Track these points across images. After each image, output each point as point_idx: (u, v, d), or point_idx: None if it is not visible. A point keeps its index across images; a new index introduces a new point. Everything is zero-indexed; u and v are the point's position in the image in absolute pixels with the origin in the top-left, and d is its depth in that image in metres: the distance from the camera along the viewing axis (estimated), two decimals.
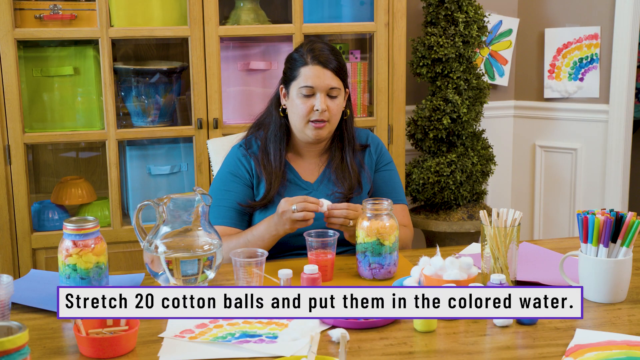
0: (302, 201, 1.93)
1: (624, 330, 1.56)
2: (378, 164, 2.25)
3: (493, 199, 3.75)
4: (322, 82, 2.09)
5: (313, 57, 2.10)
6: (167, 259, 1.76)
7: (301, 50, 2.14)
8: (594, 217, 1.70)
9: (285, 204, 1.94)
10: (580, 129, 3.58)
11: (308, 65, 2.09)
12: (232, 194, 2.14)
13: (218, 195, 2.14)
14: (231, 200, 2.14)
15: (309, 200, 1.93)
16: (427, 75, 3.27)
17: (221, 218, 2.11)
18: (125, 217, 3.07)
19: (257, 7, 3.09)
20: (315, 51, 2.11)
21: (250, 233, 2.04)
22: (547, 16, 3.57)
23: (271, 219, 2.00)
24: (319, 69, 2.09)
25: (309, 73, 2.09)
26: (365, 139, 2.27)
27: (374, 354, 1.46)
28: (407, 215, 2.25)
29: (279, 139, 2.17)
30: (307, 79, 2.09)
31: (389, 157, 2.29)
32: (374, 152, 2.26)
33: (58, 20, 2.88)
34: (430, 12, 3.25)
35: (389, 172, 2.26)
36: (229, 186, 2.16)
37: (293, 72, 2.12)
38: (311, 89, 2.09)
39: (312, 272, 1.73)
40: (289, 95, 2.15)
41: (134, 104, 3.06)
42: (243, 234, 2.06)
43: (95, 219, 1.71)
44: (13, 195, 2.89)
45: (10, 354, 1.14)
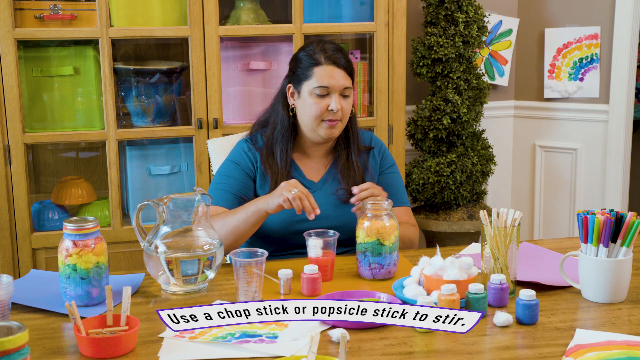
0: (306, 194, 1.92)
1: (624, 330, 1.56)
2: (382, 167, 2.26)
3: (493, 199, 3.75)
4: (337, 82, 2.09)
5: (327, 57, 2.10)
6: (167, 259, 1.76)
7: (311, 50, 2.13)
8: (594, 217, 1.70)
9: (288, 185, 1.93)
10: (580, 129, 3.58)
11: (322, 65, 2.09)
12: (232, 180, 2.14)
13: (218, 180, 2.15)
14: (230, 184, 2.13)
15: (309, 198, 1.92)
16: (427, 75, 3.27)
17: (216, 199, 2.10)
18: (125, 217, 3.07)
19: (257, 7, 3.09)
20: (327, 51, 2.11)
21: (240, 208, 2.03)
22: (547, 16, 3.57)
23: (266, 195, 1.99)
24: (333, 68, 2.09)
25: (323, 73, 2.09)
26: (369, 141, 2.27)
27: (374, 354, 1.46)
28: (411, 215, 2.26)
29: (286, 139, 2.17)
30: (322, 79, 2.09)
31: (391, 159, 2.29)
32: (378, 154, 2.26)
33: (58, 20, 2.88)
34: (430, 12, 3.25)
35: (392, 174, 2.27)
36: (231, 173, 2.16)
37: (305, 72, 2.12)
38: (326, 89, 2.09)
39: (312, 272, 1.73)
40: (299, 95, 2.14)
41: (134, 104, 3.06)
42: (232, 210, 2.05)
43: (95, 219, 1.71)
44: (13, 195, 2.89)
45: (10, 354, 1.14)
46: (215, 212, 2.06)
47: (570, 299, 1.74)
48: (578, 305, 1.70)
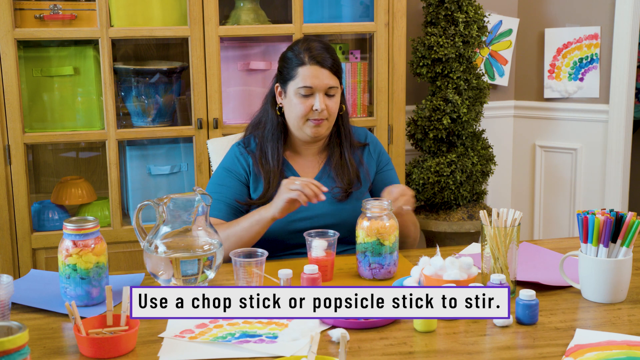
0: (307, 182, 1.91)
1: (624, 330, 1.56)
2: (379, 165, 2.26)
3: (493, 199, 3.75)
4: (320, 82, 2.09)
5: (311, 57, 2.09)
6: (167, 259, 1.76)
7: (297, 49, 2.13)
8: (594, 217, 1.70)
9: (287, 183, 1.92)
10: (580, 129, 3.58)
11: (306, 65, 2.09)
12: (225, 189, 2.14)
13: (212, 189, 2.16)
14: (223, 194, 2.14)
15: (311, 186, 1.90)
16: (427, 75, 3.27)
17: (210, 209, 2.09)
18: (125, 217, 3.07)
19: (257, 7, 3.09)
20: (312, 50, 2.10)
21: (243, 218, 2.03)
22: (547, 16, 3.57)
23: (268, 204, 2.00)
24: (317, 68, 2.09)
25: (307, 73, 2.08)
26: (364, 137, 2.27)
27: (374, 354, 1.46)
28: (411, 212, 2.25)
29: (276, 137, 2.17)
30: (306, 79, 2.08)
31: (387, 156, 2.29)
32: (374, 152, 2.26)
33: (58, 20, 2.88)
34: (430, 12, 3.25)
35: (389, 171, 2.27)
36: (224, 181, 2.16)
37: (290, 72, 2.12)
38: (310, 89, 2.09)
39: (312, 272, 1.73)
40: (285, 94, 2.14)
41: (134, 104, 3.06)
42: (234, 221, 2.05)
43: (95, 219, 1.71)
44: (13, 195, 2.89)
45: (10, 354, 1.14)
46: (212, 224, 2.06)
47: (570, 299, 1.74)
48: (578, 305, 1.70)
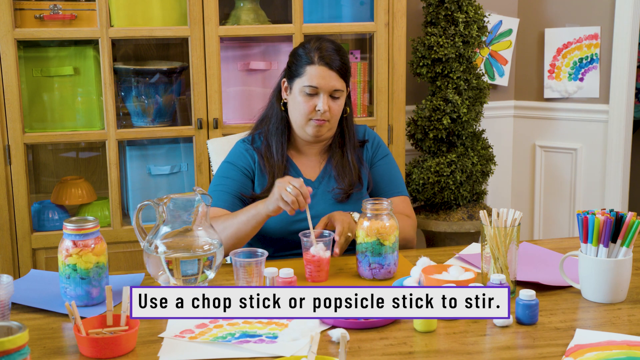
0: (299, 186, 1.88)
1: (624, 330, 1.56)
2: (375, 157, 2.25)
3: (493, 199, 3.75)
4: (326, 84, 2.08)
5: (320, 57, 2.09)
6: (167, 259, 1.76)
7: (308, 47, 2.12)
8: (594, 217, 1.70)
9: (282, 184, 1.91)
10: (580, 129, 3.58)
11: (314, 64, 2.09)
12: (230, 181, 2.15)
13: (216, 181, 2.16)
14: (228, 185, 2.14)
15: (302, 191, 1.88)
16: (427, 75, 3.27)
17: (215, 200, 2.09)
18: (125, 217, 3.07)
19: (257, 7, 3.09)
20: (322, 50, 2.10)
21: (241, 211, 2.03)
22: (547, 16, 3.57)
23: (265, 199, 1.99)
24: (325, 69, 2.08)
25: (314, 73, 2.08)
26: (363, 134, 2.27)
27: (374, 354, 1.46)
28: (408, 205, 2.24)
29: (280, 132, 2.17)
30: (312, 79, 2.08)
31: (386, 149, 2.28)
32: (371, 147, 2.26)
33: (58, 20, 2.88)
34: (430, 12, 3.25)
35: (387, 164, 2.26)
36: (229, 174, 2.16)
37: (298, 69, 2.12)
38: (315, 89, 2.09)
39: (287, 277, 1.71)
40: (291, 91, 2.14)
41: (134, 104, 3.06)
42: (233, 213, 2.05)
43: (95, 219, 1.71)
44: (13, 195, 2.89)
45: (10, 354, 1.14)
46: (215, 214, 2.06)
47: (570, 299, 1.74)
48: (578, 305, 1.70)
